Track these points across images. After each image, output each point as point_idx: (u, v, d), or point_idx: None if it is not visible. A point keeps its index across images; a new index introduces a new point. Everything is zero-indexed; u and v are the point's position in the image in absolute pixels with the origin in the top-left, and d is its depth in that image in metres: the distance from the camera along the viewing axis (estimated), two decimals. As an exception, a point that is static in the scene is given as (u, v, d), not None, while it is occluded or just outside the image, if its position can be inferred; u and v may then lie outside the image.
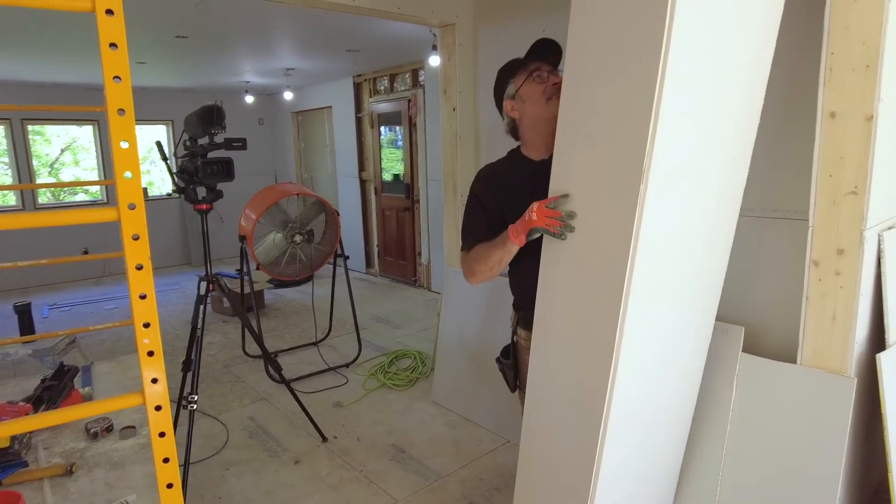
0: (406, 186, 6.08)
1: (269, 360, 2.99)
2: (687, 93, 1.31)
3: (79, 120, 7.25)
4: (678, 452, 2.00)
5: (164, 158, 2.40)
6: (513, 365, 1.87)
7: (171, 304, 5.88)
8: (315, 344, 4.39)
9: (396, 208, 6.30)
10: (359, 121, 6.54)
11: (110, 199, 7.20)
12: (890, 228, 1.91)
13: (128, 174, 0.92)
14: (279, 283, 6.17)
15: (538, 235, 1.50)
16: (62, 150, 8.08)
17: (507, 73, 1.73)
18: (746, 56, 1.54)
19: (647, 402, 1.63)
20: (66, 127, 7.60)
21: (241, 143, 2.41)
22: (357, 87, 6.46)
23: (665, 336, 1.61)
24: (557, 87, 1.60)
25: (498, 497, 2.51)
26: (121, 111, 0.89)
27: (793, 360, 1.93)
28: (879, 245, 1.85)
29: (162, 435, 0.98)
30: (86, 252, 6.79)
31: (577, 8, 1.36)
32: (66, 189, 7.67)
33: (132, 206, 0.92)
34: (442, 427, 3.10)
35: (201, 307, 2.49)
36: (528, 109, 1.69)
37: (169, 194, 7.73)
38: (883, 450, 1.95)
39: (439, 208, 5.62)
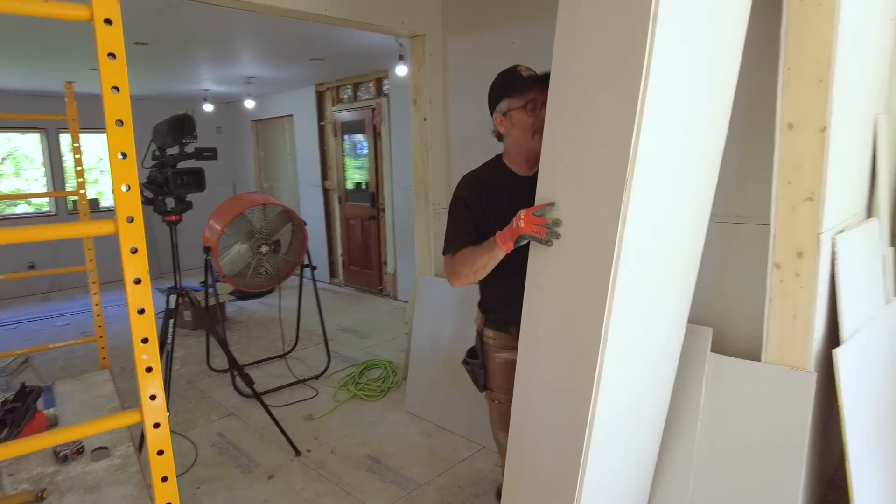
0: (371, 195, 6.06)
1: (241, 373, 2.93)
2: (667, 104, 1.38)
3: (23, 128, 6.92)
4: (654, 450, 2.07)
5: (131, 169, 2.32)
6: (482, 364, 1.92)
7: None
8: (282, 356, 4.32)
9: (361, 217, 6.26)
10: (321, 129, 6.49)
11: (59, 211, 6.88)
12: (841, 232, 2.04)
13: (125, 186, 0.91)
14: (241, 296, 6.03)
15: (525, 242, 1.53)
16: (2, 160, 7.69)
17: (505, 86, 1.73)
18: (718, 69, 1.63)
19: (629, 401, 1.69)
20: (7, 135, 7.24)
21: (211, 153, 2.36)
22: (319, 96, 6.41)
23: (646, 338, 1.68)
24: (542, 117, 1.63)
25: (477, 503, 2.52)
26: (119, 122, 0.88)
27: (757, 358, 2.03)
28: (833, 248, 1.97)
29: (160, 453, 0.96)
30: (32, 267, 6.46)
31: (563, 19, 1.41)
32: (4, 201, 7.29)
33: (130, 219, 0.91)
34: (417, 436, 3.10)
35: (171, 321, 2.42)
36: (515, 134, 1.74)
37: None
38: (839, 439, 2.07)
39: (405, 217, 5.64)
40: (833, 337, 2.08)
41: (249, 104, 7.02)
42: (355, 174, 6.36)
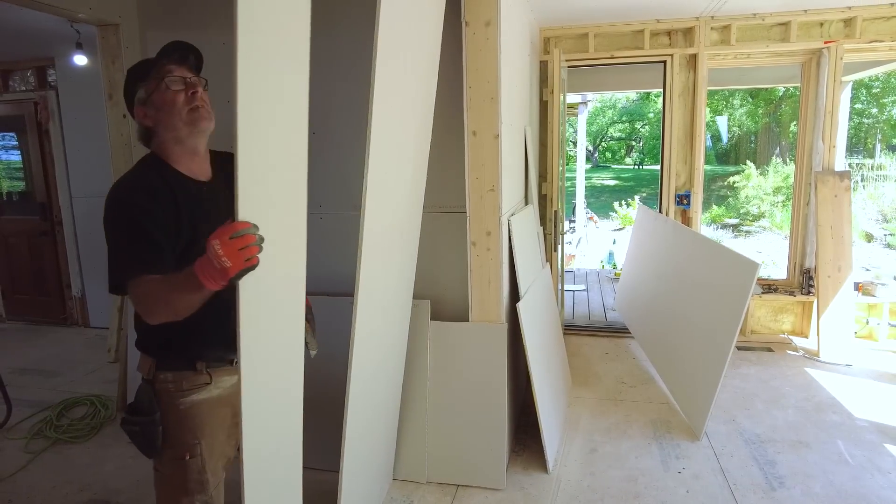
0: (41, 206, 5.04)
1: None
2: (389, 124, 1.65)
3: None
4: (396, 411, 2.39)
5: None
6: (157, 420, 1.46)
7: None
8: (-69, 418, 3.32)
9: (27, 233, 5.15)
10: (-47, 126, 5.09)
11: None
12: (513, 215, 2.68)
13: None
14: None
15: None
16: None
17: (138, 73, 1.47)
18: (422, 88, 1.98)
19: (374, 374, 1.94)
20: None
21: None
22: (-55, 83, 5.00)
23: (385, 318, 1.95)
24: (197, 94, 1.44)
25: (232, 511, 2.47)
26: None
27: (466, 319, 2.52)
28: (509, 227, 2.58)
29: None
30: None
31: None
32: None
33: None
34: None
35: None
36: (164, 118, 1.43)
37: None
38: (525, 371, 2.71)
39: (94, 229, 4.86)
40: (514, 295, 2.72)
41: None
42: (13, 182, 5.19)
